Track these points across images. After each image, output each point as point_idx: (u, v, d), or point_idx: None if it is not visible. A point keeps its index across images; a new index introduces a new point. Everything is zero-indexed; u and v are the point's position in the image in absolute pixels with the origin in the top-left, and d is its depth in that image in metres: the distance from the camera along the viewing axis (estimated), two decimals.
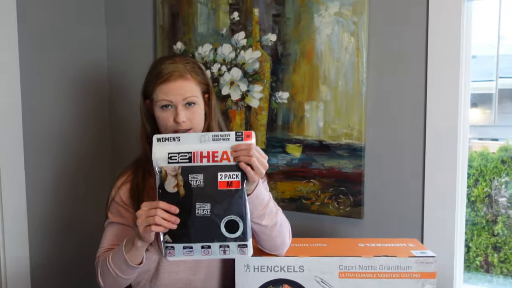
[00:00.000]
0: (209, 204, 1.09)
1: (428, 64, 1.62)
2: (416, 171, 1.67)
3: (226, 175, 1.10)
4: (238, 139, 1.12)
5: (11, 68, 1.86)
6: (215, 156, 1.11)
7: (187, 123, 1.29)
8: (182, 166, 1.11)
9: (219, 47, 1.96)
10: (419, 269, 1.22)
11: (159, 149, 1.13)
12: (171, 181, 1.10)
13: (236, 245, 1.09)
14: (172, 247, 1.08)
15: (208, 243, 1.08)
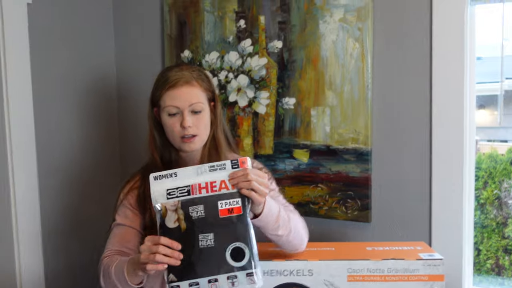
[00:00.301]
0: (212, 234, 1.07)
1: (433, 67, 1.64)
2: (423, 174, 1.69)
3: (226, 202, 1.10)
4: (234, 167, 1.13)
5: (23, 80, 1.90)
6: (214, 186, 1.11)
7: (193, 129, 1.32)
8: (181, 200, 1.10)
9: (226, 55, 1.98)
10: (427, 272, 1.23)
11: (157, 187, 1.12)
12: (171, 217, 1.08)
13: (245, 274, 1.06)
14: (178, 286, 1.03)
15: (214, 276, 1.04)
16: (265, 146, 1.94)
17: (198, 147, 1.37)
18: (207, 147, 1.40)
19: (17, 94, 1.88)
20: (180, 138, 1.32)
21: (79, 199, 2.15)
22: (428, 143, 1.67)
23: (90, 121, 2.20)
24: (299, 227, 1.33)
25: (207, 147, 1.40)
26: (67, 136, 2.10)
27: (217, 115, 1.40)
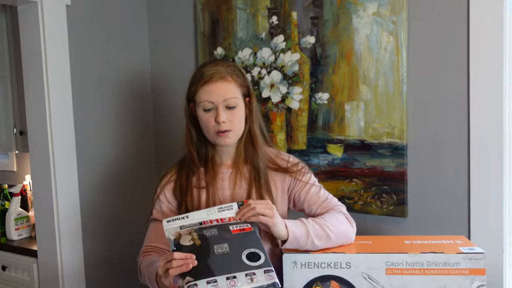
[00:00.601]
0: (226, 244, 1.11)
1: (471, 60, 1.61)
2: (461, 168, 1.66)
3: (237, 226, 1.17)
4: (240, 206, 1.21)
5: (64, 81, 1.97)
6: (223, 220, 1.18)
7: (228, 124, 1.34)
8: (194, 228, 1.15)
9: (258, 51, 2.00)
10: (467, 266, 1.22)
11: (170, 227, 1.17)
12: (186, 238, 1.12)
13: (262, 271, 1.08)
14: (195, 284, 1.03)
15: (232, 274, 1.06)
16: (298, 142, 1.94)
17: (233, 142, 1.38)
18: (243, 142, 1.41)
19: (58, 95, 1.95)
20: (215, 133, 1.34)
21: (116, 196, 2.21)
22: (466, 137, 1.65)
23: (126, 120, 2.25)
24: (340, 227, 1.32)
25: (242, 142, 1.41)
26: (104, 136, 2.15)
27: (252, 110, 1.41)
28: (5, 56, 2.45)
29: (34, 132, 1.98)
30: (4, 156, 3.05)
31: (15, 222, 2.32)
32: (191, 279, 1.05)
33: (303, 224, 1.26)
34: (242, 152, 1.42)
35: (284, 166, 1.43)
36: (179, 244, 1.12)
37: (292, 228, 1.22)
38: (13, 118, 2.47)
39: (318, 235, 1.26)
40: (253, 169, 1.41)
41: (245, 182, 1.41)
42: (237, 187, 1.40)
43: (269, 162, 1.43)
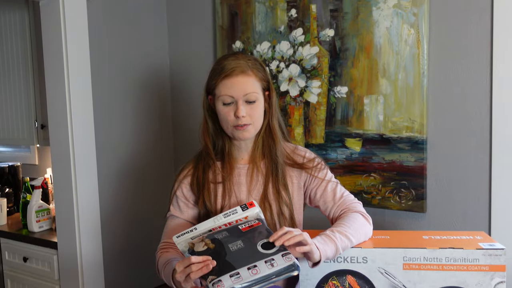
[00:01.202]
0: (240, 240, 1.12)
1: (494, 53, 1.57)
2: (483, 162, 1.63)
3: (245, 223, 1.18)
4: (244, 209, 1.22)
5: (84, 75, 1.99)
6: (231, 224, 1.20)
7: (247, 118, 1.32)
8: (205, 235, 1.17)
9: (277, 45, 1.99)
10: (487, 262, 1.19)
11: (181, 241, 1.19)
12: (199, 245, 1.14)
13: (280, 255, 1.09)
14: (219, 280, 1.05)
15: (253, 263, 1.07)
16: (316, 136, 1.93)
17: (251, 136, 1.37)
18: (261, 136, 1.40)
19: (78, 89, 1.97)
20: (234, 127, 1.33)
21: (135, 188, 2.23)
22: (488, 131, 1.61)
23: (145, 114, 2.27)
24: (361, 229, 1.29)
25: (261, 136, 1.40)
26: (123, 129, 2.17)
27: (272, 105, 1.39)
28: (28, 51, 2.49)
29: (55, 126, 2.01)
30: (26, 149, 3.11)
31: (36, 215, 2.36)
32: (214, 277, 1.06)
33: (332, 243, 1.21)
34: (260, 147, 1.41)
35: (300, 162, 1.41)
36: (193, 252, 1.13)
37: (323, 249, 1.19)
38: (35, 112, 2.51)
39: (345, 246, 1.24)
40: (270, 164, 1.39)
41: (261, 176, 1.40)
42: (254, 181, 1.39)
43: (286, 157, 1.41)
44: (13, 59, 2.57)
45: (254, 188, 1.39)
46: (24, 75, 2.53)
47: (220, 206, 1.37)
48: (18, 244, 2.36)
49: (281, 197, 1.37)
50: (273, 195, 1.38)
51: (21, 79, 2.54)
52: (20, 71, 2.54)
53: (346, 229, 1.27)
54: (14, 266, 2.39)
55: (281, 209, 1.37)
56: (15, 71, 2.57)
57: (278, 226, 1.37)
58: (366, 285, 1.24)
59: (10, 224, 2.56)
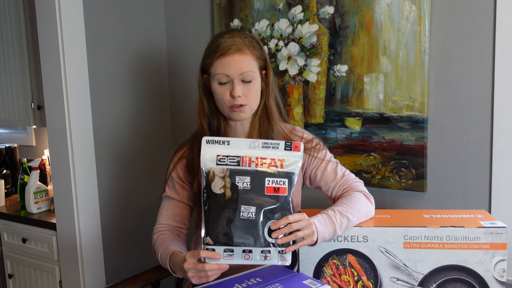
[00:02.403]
0: (254, 208, 1.08)
1: (497, 30, 1.55)
2: (483, 141, 1.61)
3: (274, 181, 1.11)
4: (287, 148, 1.14)
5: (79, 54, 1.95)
6: (263, 162, 1.12)
7: (243, 99, 1.30)
8: (230, 168, 1.10)
9: (276, 23, 1.95)
10: (488, 240, 1.19)
11: (208, 151, 1.12)
12: (218, 182, 1.09)
13: (277, 251, 1.08)
14: (213, 249, 1.06)
15: (249, 248, 1.07)
16: (315, 115, 1.91)
17: (247, 116, 1.34)
18: (257, 116, 1.37)
19: (74, 69, 1.94)
20: (230, 107, 1.31)
21: (133, 169, 2.21)
22: (490, 109, 1.59)
23: (142, 94, 2.24)
24: (362, 209, 1.28)
25: (257, 116, 1.37)
26: (120, 109, 2.15)
27: (269, 84, 1.37)
28: (22, 31, 2.44)
29: (51, 106, 1.98)
30: (23, 131, 3.09)
31: (34, 196, 2.34)
32: (211, 242, 1.06)
33: (332, 224, 1.21)
34: (256, 127, 1.38)
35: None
36: (209, 187, 1.09)
37: (322, 230, 1.18)
38: (31, 93, 2.48)
39: (344, 227, 1.23)
40: None
41: None
42: None
43: (283, 138, 1.39)
44: (7, 40, 2.52)
45: None
46: (19, 56, 2.49)
47: None
48: (16, 226, 2.36)
49: None
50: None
51: (16, 59, 2.50)
52: (15, 51, 2.50)
53: (347, 209, 1.26)
54: (13, 247, 2.39)
55: None
56: (10, 51, 2.53)
57: None
58: (366, 264, 1.24)
59: (8, 206, 2.55)
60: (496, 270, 1.19)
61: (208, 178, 1.10)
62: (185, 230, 1.44)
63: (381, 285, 1.24)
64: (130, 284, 1.34)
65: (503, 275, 1.19)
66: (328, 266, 1.26)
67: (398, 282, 1.23)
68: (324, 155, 1.41)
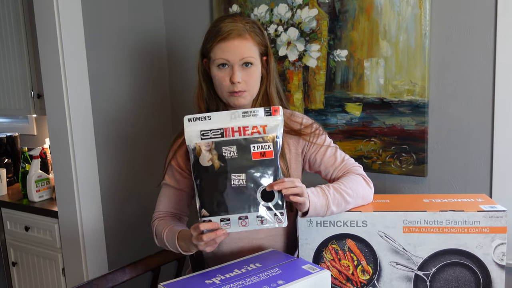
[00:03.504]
0: (244, 174, 1.09)
1: (498, 13, 1.53)
2: (484, 126, 1.60)
3: (259, 146, 1.12)
4: (266, 114, 1.15)
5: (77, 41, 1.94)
6: (246, 130, 1.13)
7: (242, 85, 1.28)
8: (215, 140, 1.12)
9: (275, 7, 1.93)
10: (488, 224, 1.18)
11: (191, 128, 1.14)
12: (205, 156, 1.10)
13: (273, 214, 1.09)
14: (210, 220, 1.08)
15: (245, 214, 1.08)
16: (316, 101, 1.90)
17: (246, 102, 1.33)
18: (258, 103, 1.37)
19: (73, 57, 1.93)
20: (229, 93, 1.30)
21: (133, 156, 2.21)
22: (491, 93, 1.58)
23: (142, 81, 2.23)
24: (359, 190, 1.28)
25: (258, 104, 1.37)
26: (120, 96, 2.14)
27: (269, 70, 1.35)
28: (20, 19, 2.43)
29: (51, 95, 1.98)
30: (23, 120, 3.09)
31: (36, 184, 2.35)
32: (207, 214, 1.08)
33: (324, 195, 1.21)
34: None
35: (296, 128, 1.38)
36: (198, 162, 1.11)
37: (314, 200, 1.18)
38: (30, 81, 2.48)
39: (337, 203, 1.23)
40: None
41: None
42: None
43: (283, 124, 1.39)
44: (5, 28, 2.51)
45: None
46: (18, 44, 2.48)
47: None
48: (19, 214, 2.37)
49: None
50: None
51: (15, 48, 2.49)
52: (14, 40, 2.49)
53: (343, 187, 1.26)
54: (16, 236, 2.40)
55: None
56: (8, 40, 2.52)
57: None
58: (366, 249, 1.24)
59: (10, 194, 2.56)
60: (496, 254, 1.19)
61: (195, 153, 1.12)
62: (185, 217, 1.44)
63: (380, 269, 1.24)
64: (131, 270, 1.34)
65: (503, 258, 1.19)
66: (328, 251, 1.26)
67: (397, 266, 1.23)
68: (324, 140, 1.40)
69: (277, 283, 1.04)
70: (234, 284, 1.05)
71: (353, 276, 1.26)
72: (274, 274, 1.09)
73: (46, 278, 2.30)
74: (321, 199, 1.20)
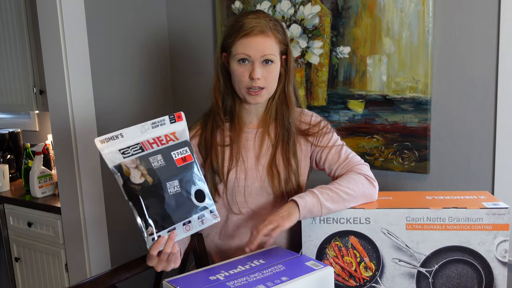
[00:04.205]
0: (176, 181, 1.10)
1: (501, 10, 1.53)
2: (487, 123, 1.60)
3: (178, 152, 1.14)
4: (172, 121, 1.17)
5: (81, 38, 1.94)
6: (161, 140, 1.14)
7: (262, 81, 1.29)
8: (138, 156, 1.10)
9: (278, 4, 1.93)
10: (490, 221, 1.19)
11: (108, 149, 1.10)
12: (136, 173, 1.09)
13: (209, 212, 1.12)
14: (159, 236, 1.07)
15: (188, 219, 1.10)
16: (318, 97, 1.90)
17: (263, 101, 1.33)
18: (274, 101, 1.37)
19: (75, 53, 1.93)
20: (247, 89, 1.30)
21: None
22: (494, 90, 1.58)
23: (144, 77, 2.23)
24: (358, 189, 1.28)
25: (274, 102, 1.37)
26: (122, 92, 2.14)
27: (289, 70, 1.35)
28: (23, 16, 2.43)
29: (53, 90, 1.98)
30: (26, 116, 3.09)
31: (39, 180, 2.36)
32: (153, 231, 1.08)
33: (313, 195, 1.22)
34: (273, 113, 1.37)
35: (303, 129, 1.39)
36: (129, 180, 1.09)
37: (301, 202, 1.20)
38: (33, 77, 2.48)
39: (332, 200, 1.22)
40: (282, 131, 1.36)
41: (271, 143, 1.37)
42: (263, 147, 1.37)
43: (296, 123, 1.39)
44: (8, 24, 2.51)
45: (263, 155, 1.37)
46: (20, 40, 2.48)
47: (227, 170, 1.36)
48: (22, 210, 2.38)
49: (290, 164, 1.36)
50: (282, 162, 1.36)
51: (17, 44, 2.49)
52: (16, 36, 2.49)
53: (337, 185, 1.26)
54: (19, 231, 2.41)
55: (289, 176, 1.36)
56: (11, 36, 2.52)
57: (285, 192, 1.37)
58: (369, 246, 1.25)
59: (13, 190, 2.57)
60: (498, 251, 1.20)
61: (122, 173, 1.09)
62: None
63: (383, 266, 1.25)
64: (135, 266, 1.34)
65: (505, 255, 1.20)
66: (331, 248, 1.27)
67: (400, 263, 1.24)
68: (330, 138, 1.40)
69: (280, 279, 1.05)
70: (238, 281, 1.06)
71: (356, 272, 1.27)
72: (277, 270, 1.10)
73: (49, 274, 2.31)
74: (309, 199, 1.21)
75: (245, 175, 1.36)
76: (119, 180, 1.09)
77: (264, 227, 1.17)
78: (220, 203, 1.39)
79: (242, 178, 1.36)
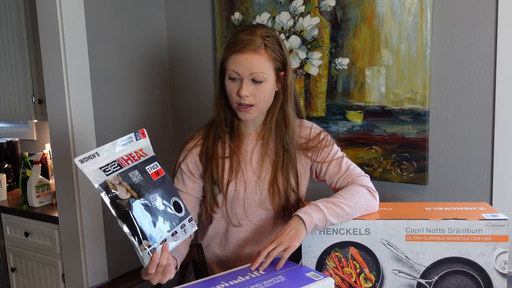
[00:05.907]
0: (156, 194, 1.13)
1: (499, 22, 1.54)
2: (485, 134, 1.61)
3: (151, 167, 1.18)
4: (138, 138, 1.20)
5: (81, 48, 1.95)
6: (133, 157, 1.17)
7: (250, 99, 1.28)
8: (119, 173, 1.11)
9: (277, 15, 1.95)
10: (490, 232, 1.19)
11: (89, 168, 1.09)
12: (121, 189, 1.09)
13: (188, 220, 1.17)
14: (154, 249, 1.08)
15: (174, 229, 1.13)
16: (317, 108, 1.91)
17: (253, 118, 1.33)
18: (274, 118, 1.36)
19: (75, 63, 1.94)
20: (237, 105, 1.30)
21: None
22: (491, 103, 1.59)
23: (144, 87, 2.24)
24: (361, 202, 1.28)
25: (274, 119, 1.36)
26: (122, 102, 2.15)
27: (287, 86, 1.33)
28: (22, 25, 2.44)
29: (52, 100, 1.98)
30: (24, 125, 3.09)
31: (36, 190, 2.35)
32: (148, 245, 1.08)
33: (319, 210, 1.22)
34: (272, 130, 1.36)
35: (302, 143, 1.39)
36: (117, 197, 1.08)
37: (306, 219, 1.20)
38: (32, 87, 2.48)
39: (336, 215, 1.23)
40: (281, 149, 1.36)
41: (270, 160, 1.37)
42: (264, 165, 1.37)
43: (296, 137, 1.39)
44: (7, 34, 2.52)
45: (264, 170, 1.37)
46: (19, 49, 2.49)
47: (226, 181, 1.36)
48: (19, 219, 2.37)
49: (289, 183, 1.36)
50: (282, 181, 1.36)
51: (17, 53, 2.50)
52: (16, 45, 2.50)
53: (341, 199, 1.26)
54: (16, 241, 2.40)
55: (289, 193, 1.37)
56: (10, 45, 2.52)
57: (285, 208, 1.37)
58: (368, 257, 1.25)
59: (10, 200, 2.56)
60: (498, 262, 1.20)
61: (109, 190, 1.08)
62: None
63: (383, 277, 1.25)
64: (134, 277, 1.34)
65: (505, 267, 1.20)
66: (331, 258, 1.27)
67: (400, 274, 1.24)
68: (330, 149, 1.40)
69: None
70: None
71: (356, 283, 1.26)
72: (278, 281, 1.09)
73: (45, 284, 2.29)
74: (315, 215, 1.21)
75: (245, 187, 1.36)
76: (105, 199, 1.08)
77: (275, 250, 1.16)
78: (220, 215, 1.39)
79: (242, 190, 1.36)
